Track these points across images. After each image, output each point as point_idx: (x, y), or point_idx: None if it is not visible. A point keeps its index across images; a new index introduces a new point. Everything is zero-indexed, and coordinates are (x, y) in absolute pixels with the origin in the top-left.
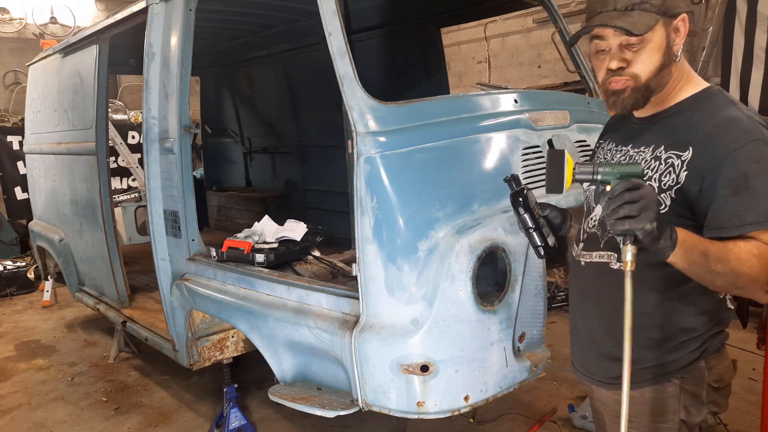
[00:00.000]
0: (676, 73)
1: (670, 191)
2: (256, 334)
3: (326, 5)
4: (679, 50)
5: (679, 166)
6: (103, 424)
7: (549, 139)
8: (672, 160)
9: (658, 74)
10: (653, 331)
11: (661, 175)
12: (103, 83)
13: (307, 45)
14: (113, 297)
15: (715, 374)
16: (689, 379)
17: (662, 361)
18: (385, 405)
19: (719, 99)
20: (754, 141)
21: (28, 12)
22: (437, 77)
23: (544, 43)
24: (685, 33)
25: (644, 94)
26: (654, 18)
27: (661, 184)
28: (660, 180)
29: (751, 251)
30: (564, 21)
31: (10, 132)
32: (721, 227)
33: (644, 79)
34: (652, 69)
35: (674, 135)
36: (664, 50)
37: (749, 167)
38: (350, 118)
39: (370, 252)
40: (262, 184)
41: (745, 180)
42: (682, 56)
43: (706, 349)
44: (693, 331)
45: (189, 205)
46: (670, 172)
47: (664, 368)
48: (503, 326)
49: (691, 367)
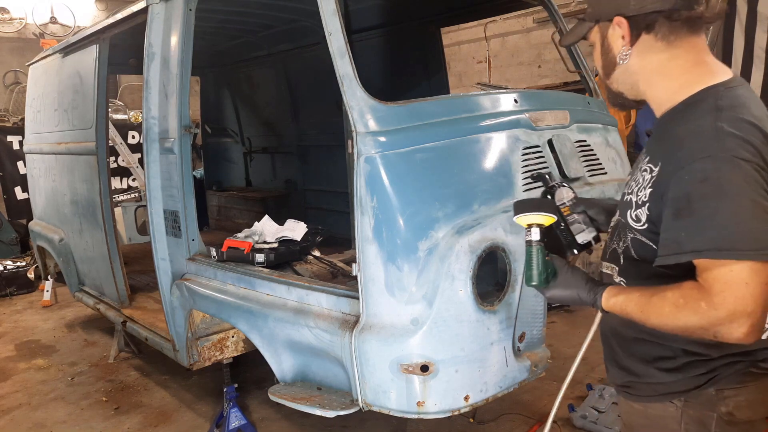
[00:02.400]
0: (646, 75)
1: (644, 207)
2: (256, 334)
3: (326, 5)
4: (623, 53)
5: (648, 181)
6: (103, 424)
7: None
8: (645, 174)
9: (609, 75)
10: (655, 348)
11: (639, 189)
12: (103, 83)
13: (307, 45)
14: (113, 297)
15: (730, 406)
16: (694, 404)
17: (663, 380)
18: (385, 405)
19: (703, 104)
20: (704, 158)
21: (28, 12)
22: (437, 77)
23: (544, 43)
24: (626, 34)
25: (610, 94)
26: (586, 26)
27: (638, 199)
28: (637, 194)
29: (675, 302)
30: (564, 21)
31: (10, 132)
32: (662, 254)
33: (603, 78)
34: (602, 70)
35: (656, 145)
36: (601, 53)
37: (693, 188)
38: (350, 118)
39: (370, 252)
40: (262, 184)
41: (688, 202)
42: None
43: (715, 377)
44: (696, 354)
45: (189, 205)
46: (644, 187)
47: (666, 387)
48: (503, 326)
49: (696, 392)
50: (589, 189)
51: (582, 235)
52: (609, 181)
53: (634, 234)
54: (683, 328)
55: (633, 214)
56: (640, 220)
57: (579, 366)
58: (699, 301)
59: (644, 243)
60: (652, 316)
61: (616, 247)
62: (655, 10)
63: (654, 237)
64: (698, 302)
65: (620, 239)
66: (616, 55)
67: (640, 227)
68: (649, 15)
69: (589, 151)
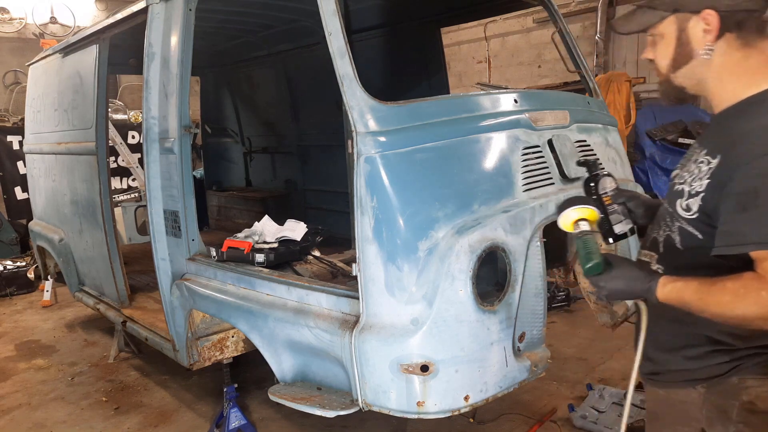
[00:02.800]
0: (718, 72)
1: (697, 197)
2: (256, 334)
3: (326, 5)
4: (707, 48)
5: (705, 173)
6: (103, 424)
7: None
8: (702, 166)
9: (676, 69)
10: (681, 338)
11: (693, 180)
12: (103, 83)
13: (307, 45)
14: (113, 297)
15: (752, 395)
16: (716, 391)
17: (688, 367)
18: (385, 405)
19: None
20: None
21: (28, 12)
22: (437, 77)
23: (544, 43)
24: (713, 29)
25: (668, 88)
26: (657, 15)
27: (691, 189)
28: (690, 185)
29: (736, 292)
30: (564, 21)
31: (10, 132)
32: (721, 244)
33: (664, 72)
34: (669, 62)
35: (716, 139)
36: (675, 45)
37: (761, 182)
38: (350, 118)
39: (370, 252)
40: (262, 184)
41: (755, 196)
42: (739, 53)
43: (739, 366)
44: (722, 344)
45: (189, 205)
46: (699, 177)
47: (690, 374)
48: (503, 326)
49: (718, 380)
50: None
51: (620, 225)
52: None
53: (681, 223)
54: (742, 317)
55: (684, 204)
56: (690, 209)
57: (579, 366)
58: (760, 291)
59: (690, 233)
60: (712, 304)
61: (656, 236)
62: (747, 9)
63: (702, 227)
64: (759, 292)
65: (662, 228)
66: (693, 49)
67: (689, 216)
68: (738, 13)
69: (589, 151)
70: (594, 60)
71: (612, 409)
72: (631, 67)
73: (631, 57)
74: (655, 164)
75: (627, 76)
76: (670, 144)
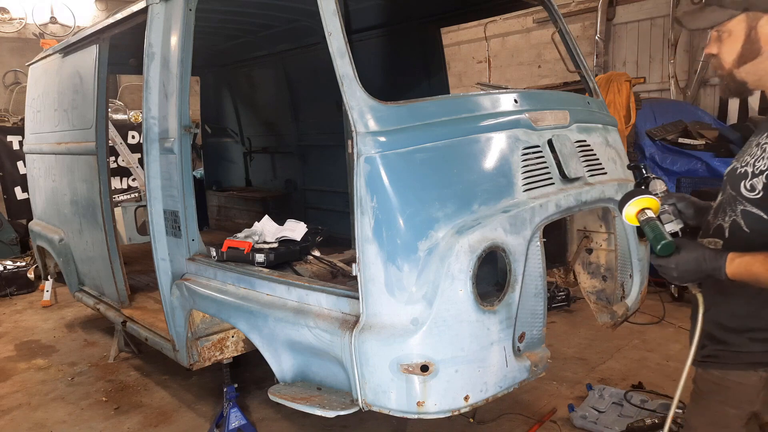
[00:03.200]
0: None
1: (762, 176)
2: (256, 334)
3: (326, 5)
4: None
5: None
6: (103, 424)
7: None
8: (766, 146)
9: (741, 65)
10: (747, 319)
11: (756, 161)
12: (103, 83)
13: (307, 45)
14: (113, 297)
15: None
16: None
17: (753, 350)
18: (385, 405)
19: None
20: None
21: (28, 12)
22: (437, 77)
23: (544, 43)
24: None
25: (731, 83)
26: (728, 13)
27: (755, 169)
28: (754, 165)
29: None
30: (564, 21)
31: (10, 132)
32: None
33: (727, 67)
34: (735, 58)
35: None
36: (744, 42)
37: None
38: (350, 118)
39: (370, 252)
40: (262, 184)
41: None
42: None
43: None
44: None
45: (189, 205)
46: (764, 157)
47: (753, 357)
48: (503, 326)
49: None
50: (589, 189)
51: (670, 225)
52: (609, 181)
53: (744, 206)
54: None
55: (748, 184)
56: (755, 189)
57: (579, 366)
58: None
59: (754, 214)
60: None
61: (721, 222)
62: None
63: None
64: None
65: (726, 214)
66: (761, 47)
67: (753, 196)
68: None
69: (589, 151)
70: (594, 60)
71: (612, 409)
72: (631, 67)
73: (631, 57)
74: (655, 164)
75: (627, 76)
76: (670, 144)
